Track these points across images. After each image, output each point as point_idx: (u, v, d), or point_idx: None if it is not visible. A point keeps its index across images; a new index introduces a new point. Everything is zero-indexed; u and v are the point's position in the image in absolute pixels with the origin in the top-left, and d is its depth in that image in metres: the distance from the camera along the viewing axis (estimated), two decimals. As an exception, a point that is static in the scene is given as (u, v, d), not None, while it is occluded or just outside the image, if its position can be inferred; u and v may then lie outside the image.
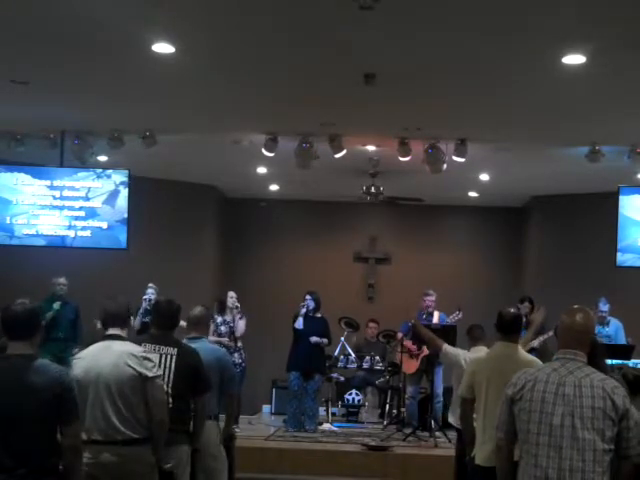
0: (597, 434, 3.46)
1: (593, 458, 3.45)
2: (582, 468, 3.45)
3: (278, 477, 8.45)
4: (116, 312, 4.74)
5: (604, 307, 10.02)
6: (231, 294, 10.01)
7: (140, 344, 4.96)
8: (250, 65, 7.54)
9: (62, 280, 10.46)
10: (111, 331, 4.73)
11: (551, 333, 8.41)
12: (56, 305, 10.27)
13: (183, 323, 5.97)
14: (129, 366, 4.53)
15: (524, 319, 8.79)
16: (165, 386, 4.97)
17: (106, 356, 4.58)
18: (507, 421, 3.68)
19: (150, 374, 4.57)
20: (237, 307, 9.87)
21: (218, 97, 8.52)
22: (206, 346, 5.80)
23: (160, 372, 4.74)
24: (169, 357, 5.09)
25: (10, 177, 10.03)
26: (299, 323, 9.90)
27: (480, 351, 6.18)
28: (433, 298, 10.35)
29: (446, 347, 7.02)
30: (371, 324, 12.02)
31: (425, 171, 10.24)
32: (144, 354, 4.66)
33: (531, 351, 8.26)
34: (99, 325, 4.87)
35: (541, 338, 9.32)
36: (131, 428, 4.51)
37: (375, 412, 11.51)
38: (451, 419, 6.98)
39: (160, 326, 5.26)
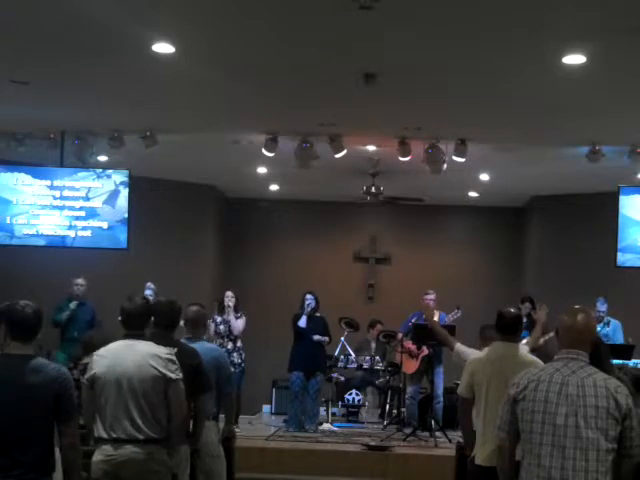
0: (601, 433, 3.46)
1: (596, 458, 3.45)
2: (585, 468, 3.45)
3: (278, 477, 8.45)
4: (135, 312, 4.73)
5: (602, 307, 10.04)
6: (228, 293, 9.97)
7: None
8: (250, 65, 7.54)
9: (80, 280, 10.46)
10: (132, 331, 4.71)
11: (552, 334, 8.40)
12: (72, 305, 10.26)
13: (180, 323, 5.96)
14: (153, 367, 4.53)
15: (525, 319, 8.80)
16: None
17: (130, 355, 4.58)
18: (510, 421, 3.68)
19: (174, 376, 4.58)
20: (229, 306, 9.81)
21: (218, 97, 8.52)
22: (204, 346, 5.80)
23: (182, 375, 4.73)
24: (169, 357, 5.08)
25: (10, 177, 10.02)
26: (303, 322, 9.91)
27: None
28: (433, 297, 10.34)
29: (458, 346, 6.93)
30: (378, 326, 11.98)
31: (425, 171, 10.24)
32: (169, 356, 4.65)
33: (532, 351, 8.25)
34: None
35: (542, 338, 9.29)
36: (152, 428, 4.51)
37: (375, 412, 11.51)
38: None
39: (160, 326, 5.25)
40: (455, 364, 6.70)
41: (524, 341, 6.69)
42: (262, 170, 11.88)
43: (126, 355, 4.58)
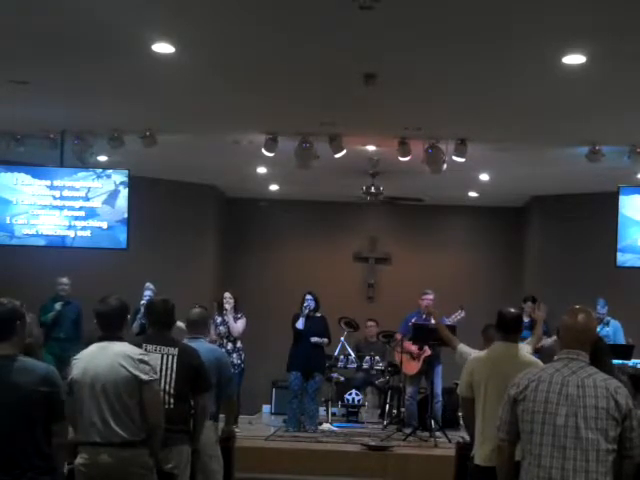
0: (601, 434, 3.46)
1: (596, 458, 3.45)
2: (585, 468, 3.45)
3: (278, 477, 8.45)
4: (108, 313, 4.65)
5: (602, 309, 10.02)
6: (226, 295, 9.92)
7: (140, 345, 4.95)
8: (250, 65, 7.54)
9: (64, 280, 10.47)
10: (106, 332, 4.65)
11: (555, 337, 8.38)
12: (58, 305, 10.30)
13: (181, 324, 5.95)
14: (123, 368, 4.48)
15: (528, 319, 8.79)
16: (167, 386, 4.97)
17: (103, 357, 4.54)
18: (509, 421, 3.68)
19: (146, 377, 4.51)
20: (226, 309, 9.76)
21: (218, 97, 8.52)
22: (204, 346, 5.80)
23: (156, 376, 4.69)
24: (170, 357, 5.07)
25: (10, 177, 10.01)
26: (300, 323, 9.89)
27: None
28: (431, 297, 10.32)
29: (461, 347, 6.89)
30: (369, 323, 12.00)
31: (425, 171, 10.24)
32: (141, 356, 4.59)
33: (535, 352, 8.23)
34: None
35: (550, 340, 9.29)
36: (128, 430, 4.46)
37: (375, 412, 11.50)
38: None
39: (157, 325, 5.24)
40: (456, 364, 6.68)
41: (526, 341, 6.66)
42: (262, 170, 11.88)
43: (99, 357, 4.54)
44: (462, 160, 9.81)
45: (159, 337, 5.16)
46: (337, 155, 9.82)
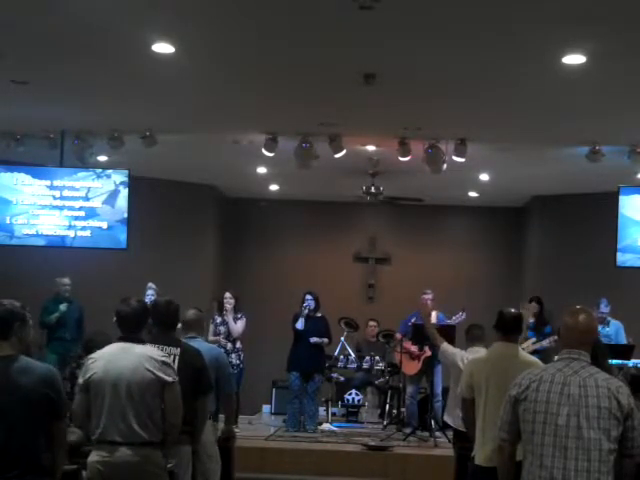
0: (603, 434, 3.46)
1: (599, 458, 3.45)
2: (587, 468, 3.45)
3: (278, 477, 8.45)
4: (130, 314, 4.68)
5: (605, 309, 10.02)
6: (226, 295, 9.91)
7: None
8: (250, 65, 7.54)
9: (66, 280, 10.48)
10: (127, 333, 4.68)
11: (555, 336, 8.38)
12: (63, 307, 10.34)
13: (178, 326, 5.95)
14: (148, 370, 4.50)
15: (533, 319, 8.80)
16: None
17: (125, 358, 4.55)
18: (511, 421, 3.68)
19: (169, 379, 4.55)
20: (227, 309, 9.75)
21: (218, 97, 8.52)
22: (202, 345, 5.80)
23: (177, 378, 4.70)
24: (172, 357, 5.08)
25: (10, 177, 10.01)
26: (300, 324, 9.89)
27: (477, 352, 6.15)
28: (431, 297, 10.32)
29: (444, 346, 7.00)
30: (371, 323, 12.00)
31: (425, 171, 10.24)
32: (163, 358, 4.63)
33: (534, 353, 8.25)
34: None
35: (547, 340, 9.28)
36: (148, 431, 4.48)
37: (375, 412, 11.51)
38: (447, 419, 6.96)
39: (161, 326, 5.26)
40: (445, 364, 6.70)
41: None
42: (262, 170, 11.88)
43: (121, 358, 4.55)
44: (462, 160, 9.81)
45: (162, 337, 5.17)
46: (337, 155, 9.82)
